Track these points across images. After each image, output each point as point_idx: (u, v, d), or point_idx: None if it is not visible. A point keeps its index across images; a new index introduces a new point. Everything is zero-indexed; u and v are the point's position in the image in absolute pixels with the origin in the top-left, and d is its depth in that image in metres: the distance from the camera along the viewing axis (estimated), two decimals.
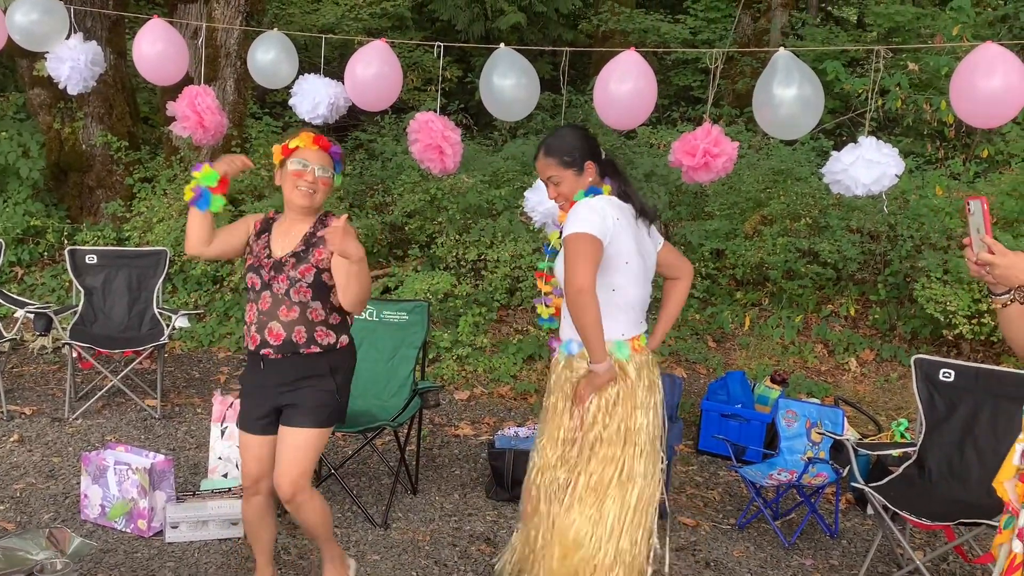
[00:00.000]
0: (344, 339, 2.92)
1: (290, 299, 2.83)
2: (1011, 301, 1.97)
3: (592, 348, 2.67)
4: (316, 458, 2.90)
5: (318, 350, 2.85)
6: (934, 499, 3.48)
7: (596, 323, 2.63)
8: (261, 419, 2.90)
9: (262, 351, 2.84)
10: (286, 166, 2.89)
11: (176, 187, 7.08)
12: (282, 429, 2.86)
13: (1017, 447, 2.00)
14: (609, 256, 2.71)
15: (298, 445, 2.82)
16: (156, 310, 5.36)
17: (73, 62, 4.27)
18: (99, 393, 5.15)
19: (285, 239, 2.91)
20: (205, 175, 2.86)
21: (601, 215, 2.70)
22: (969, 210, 1.97)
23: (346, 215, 2.68)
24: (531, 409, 5.50)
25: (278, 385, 2.86)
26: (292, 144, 2.88)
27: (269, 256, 2.88)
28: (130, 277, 5.39)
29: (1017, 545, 1.96)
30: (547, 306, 2.93)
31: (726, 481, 4.62)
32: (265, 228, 2.97)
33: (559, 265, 2.77)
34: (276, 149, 2.91)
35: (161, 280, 5.40)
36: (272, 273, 2.85)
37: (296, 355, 2.83)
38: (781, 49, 3.52)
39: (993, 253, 1.92)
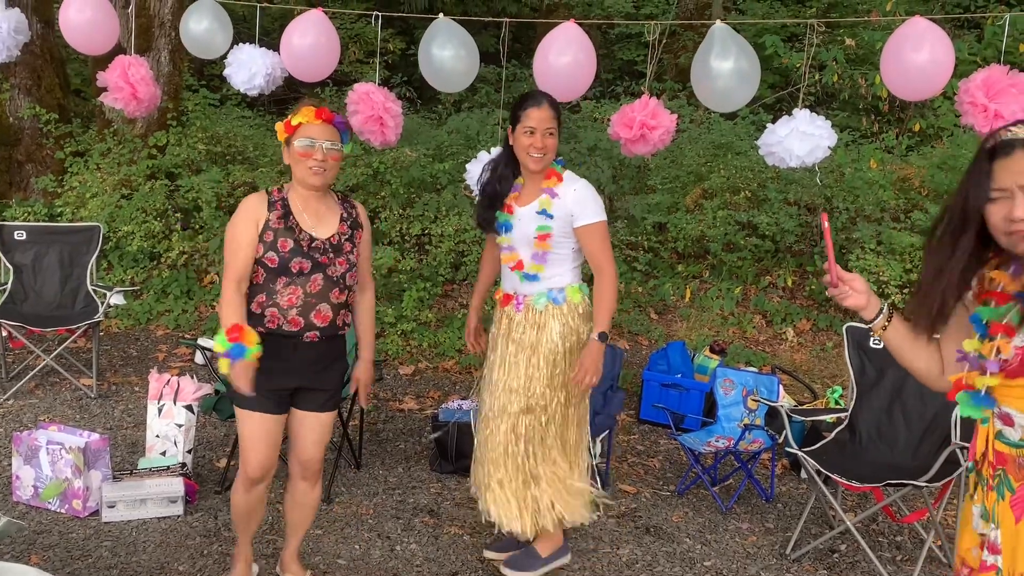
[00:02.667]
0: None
1: (344, 282, 2.78)
2: (883, 326, 1.87)
3: (609, 320, 3.07)
4: None
5: (343, 332, 2.89)
6: (864, 462, 3.60)
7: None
8: (282, 397, 2.80)
9: (306, 334, 2.73)
10: (292, 145, 2.73)
11: (109, 162, 6.89)
12: (305, 414, 2.86)
13: (973, 509, 1.81)
14: None
15: (324, 427, 2.90)
16: (90, 287, 5.22)
17: None
18: (31, 373, 5.02)
19: (316, 218, 2.77)
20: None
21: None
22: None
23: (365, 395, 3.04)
24: (476, 383, 5.52)
25: (308, 365, 2.79)
26: (295, 121, 2.72)
27: (313, 239, 2.74)
28: (62, 253, 5.23)
29: None
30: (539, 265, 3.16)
31: (666, 449, 4.71)
32: (285, 212, 2.74)
33: (564, 228, 3.07)
34: (279, 127, 2.77)
35: (95, 256, 5.25)
36: (331, 255, 2.75)
37: (332, 337, 2.82)
38: (718, 22, 3.56)
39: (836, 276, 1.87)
